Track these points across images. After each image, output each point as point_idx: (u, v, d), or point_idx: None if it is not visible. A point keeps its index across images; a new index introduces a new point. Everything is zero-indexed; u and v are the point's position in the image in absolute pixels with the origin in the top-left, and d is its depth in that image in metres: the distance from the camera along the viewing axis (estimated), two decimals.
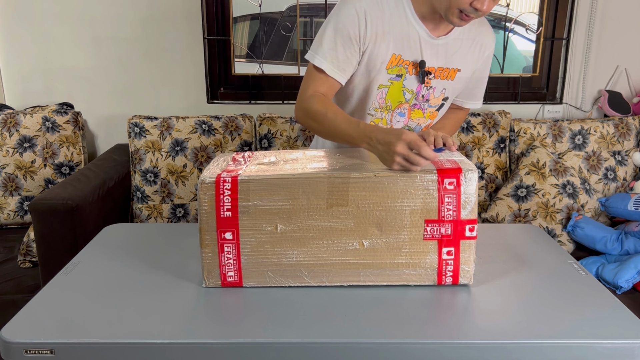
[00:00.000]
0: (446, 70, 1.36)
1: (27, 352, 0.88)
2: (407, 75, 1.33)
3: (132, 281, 1.09)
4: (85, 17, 2.37)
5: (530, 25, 2.45)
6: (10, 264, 1.98)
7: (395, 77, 1.32)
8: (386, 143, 1.05)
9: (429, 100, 1.38)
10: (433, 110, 1.41)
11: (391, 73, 1.32)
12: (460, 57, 1.36)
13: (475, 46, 1.38)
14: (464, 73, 1.39)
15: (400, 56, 1.30)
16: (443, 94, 1.39)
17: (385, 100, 1.35)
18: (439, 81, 1.36)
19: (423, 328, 0.94)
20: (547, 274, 1.12)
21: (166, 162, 2.21)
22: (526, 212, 2.11)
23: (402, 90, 1.34)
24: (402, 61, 1.31)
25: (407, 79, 1.33)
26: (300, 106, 1.28)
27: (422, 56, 1.31)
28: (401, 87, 1.34)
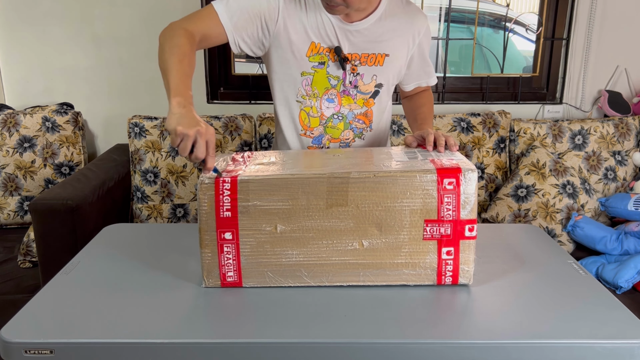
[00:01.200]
0: (372, 56, 1.37)
1: (27, 352, 0.88)
2: (330, 62, 1.36)
3: (132, 281, 1.09)
4: (85, 17, 2.37)
5: (530, 25, 2.45)
6: (10, 264, 1.98)
7: (318, 65, 1.35)
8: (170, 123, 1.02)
9: (358, 86, 1.39)
10: (367, 97, 1.41)
11: (313, 61, 1.35)
12: (386, 42, 1.37)
13: (404, 30, 1.38)
14: (395, 58, 1.39)
15: (319, 44, 1.33)
16: (374, 81, 1.40)
17: (312, 88, 1.37)
18: (366, 67, 1.37)
19: (423, 328, 0.94)
20: (547, 274, 1.12)
21: (166, 162, 2.21)
22: (526, 212, 2.11)
23: (326, 77, 1.37)
24: (322, 49, 1.34)
25: (329, 65, 1.36)
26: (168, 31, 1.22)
27: (338, 43, 1.34)
28: (325, 74, 1.36)
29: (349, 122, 1.42)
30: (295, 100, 1.40)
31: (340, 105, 1.40)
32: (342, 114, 1.41)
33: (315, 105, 1.39)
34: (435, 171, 1.00)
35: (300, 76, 1.36)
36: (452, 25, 2.48)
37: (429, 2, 2.45)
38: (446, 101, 2.49)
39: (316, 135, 1.42)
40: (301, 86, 1.37)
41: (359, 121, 1.42)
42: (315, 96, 1.38)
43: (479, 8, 2.38)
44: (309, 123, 1.41)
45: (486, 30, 2.50)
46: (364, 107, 1.42)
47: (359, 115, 1.42)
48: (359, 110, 1.41)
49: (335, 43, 1.33)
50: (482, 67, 2.58)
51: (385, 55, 1.37)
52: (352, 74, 1.37)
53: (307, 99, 1.39)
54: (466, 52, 2.58)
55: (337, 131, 1.41)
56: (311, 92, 1.38)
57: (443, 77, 2.48)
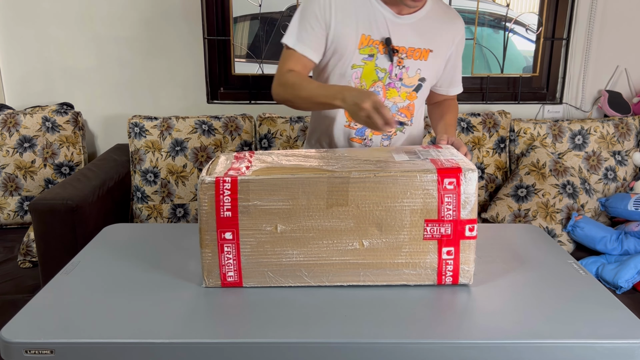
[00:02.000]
0: (418, 51, 1.40)
1: (27, 352, 0.88)
2: (379, 54, 1.38)
3: (132, 281, 1.09)
4: (85, 17, 2.37)
5: (530, 25, 2.45)
6: (10, 264, 1.98)
7: (368, 57, 1.38)
8: (356, 100, 1.18)
9: (403, 79, 1.42)
10: (410, 91, 1.44)
11: (363, 53, 1.38)
12: (431, 38, 1.41)
13: (446, 30, 1.44)
14: (437, 55, 1.44)
15: (369, 36, 1.37)
16: (418, 74, 1.43)
17: (360, 80, 1.40)
18: (412, 61, 1.41)
19: (423, 328, 0.94)
20: (547, 274, 1.12)
21: (166, 162, 2.21)
22: (526, 212, 2.11)
23: (375, 70, 1.40)
24: (371, 41, 1.37)
25: (378, 58, 1.39)
26: (278, 82, 1.38)
27: (389, 34, 1.37)
28: (374, 66, 1.39)
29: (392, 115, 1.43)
30: None
31: (385, 98, 1.42)
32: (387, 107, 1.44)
33: None
34: (436, 171, 1.00)
35: (351, 69, 1.39)
36: None
37: None
38: None
39: (360, 127, 1.44)
40: (351, 79, 1.40)
41: (401, 114, 1.45)
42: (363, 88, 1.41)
43: (479, 8, 2.38)
44: None
45: (486, 30, 2.50)
46: (407, 100, 1.45)
47: (401, 109, 1.45)
48: (402, 103, 1.44)
49: (386, 35, 1.37)
50: (482, 67, 2.58)
51: (430, 50, 1.41)
52: (397, 66, 1.40)
53: None
54: (466, 52, 2.57)
55: None
56: (359, 85, 1.41)
57: None
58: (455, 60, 1.51)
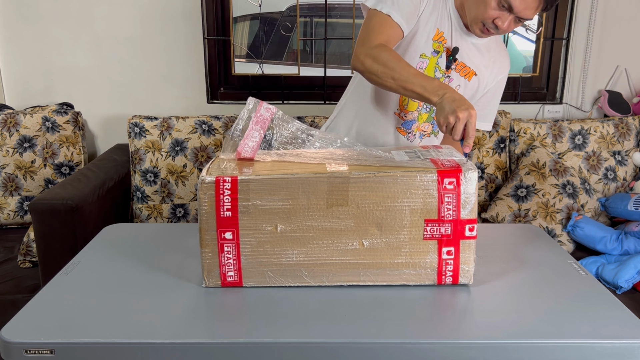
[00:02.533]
0: (467, 69, 1.42)
1: (27, 352, 0.88)
2: (443, 54, 1.39)
3: (132, 281, 1.09)
4: (85, 17, 2.37)
5: (530, 25, 2.45)
6: (10, 264, 1.98)
7: (434, 52, 1.39)
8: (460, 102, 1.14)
9: None
10: None
11: (434, 47, 1.38)
12: (480, 64, 1.43)
13: (495, 64, 1.46)
14: (480, 81, 1.46)
15: (442, 33, 1.37)
16: (457, 89, 1.43)
17: (424, 72, 1.39)
18: (457, 75, 1.42)
19: (423, 328, 0.94)
20: (547, 274, 1.12)
21: (166, 162, 2.21)
22: (526, 212, 2.11)
23: (435, 67, 1.40)
24: (442, 39, 1.38)
25: (441, 57, 1.39)
26: (368, 54, 1.26)
27: (451, 42, 1.39)
28: (435, 63, 1.39)
29: (433, 117, 1.47)
30: None
31: None
32: (430, 107, 1.45)
33: None
34: (436, 171, 1.00)
35: (419, 58, 1.38)
36: None
37: None
38: None
39: (408, 120, 1.45)
40: (416, 67, 1.38)
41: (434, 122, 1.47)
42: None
43: None
44: (407, 104, 1.43)
45: None
46: None
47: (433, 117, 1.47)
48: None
49: (450, 40, 1.38)
50: None
51: (475, 74, 1.43)
52: (444, 74, 1.41)
53: None
54: None
55: (421, 119, 1.46)
56: None
57: None
58: (492, 95, 1.53)
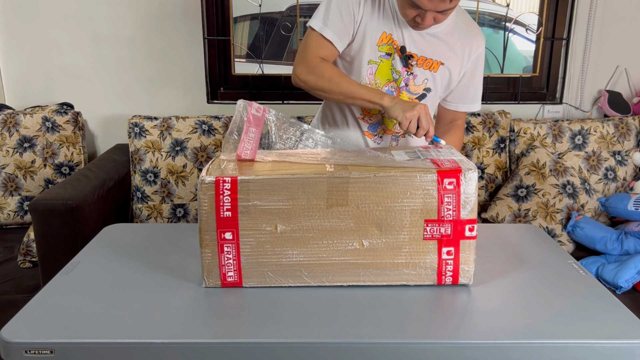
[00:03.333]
0: (429, 61, 1.40)
1: (27, 352, 0.88)
2: (396, 55, 1.39)
3: (132, 281, 1.09)
4: (85, 17, 2.37)
5: (530, 25, 2.45)
6: (10, 264, 1.98)
7: (385, 55, 1.39)
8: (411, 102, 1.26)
9: (409, 85, 1.42)
10: (413, 98, 1.44)
11: (381, 50, 1.38)
12: (445, 52, 1.41)
13: (463, 46, 1.43)
14: (449, 69, 1.43)
15: (390, 35, 1.37)
16: (425, 84, 1.43)
17: (375, 77, 1.40)
18: (421, 70, 1.41)
19: (423, 328, 0.94)
20: (547, 274, 1.12)
21: (166, 162, 2.21)
22: (526, 212, 2.11)
23: (390, 69, 1.40)
24: (391, 40, 1.38)
25: (395, 59, 1.39)
26: (310, 70, 1.34)
27: (404, 41, 1.38)
28: (390, 66, 1.40)
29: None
30: None
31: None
32: None
33: None
34: (436, 171, 1.00)
35: (367, 64, 1.39)
36: None
37: None
38: None
39: (373, 123, 1.46)
40: (366, 74, 1.40)
41: None
42: (377, 86, 1.41)
43: (479, 8, 2.38)
44: (369, 109, 1.44)
45: (486, 30, 2.50)
46: None
47: None
48: None
49: (401, 39, 1.38)
50: None
51: (441, 63, 1.41)
52: (407, 72, 1.41)
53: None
54: None
55: (391, 123, 1.46)
56: (373, 82, 1.41)
57: None
58: (470, 77, 1.49)
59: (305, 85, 1.36)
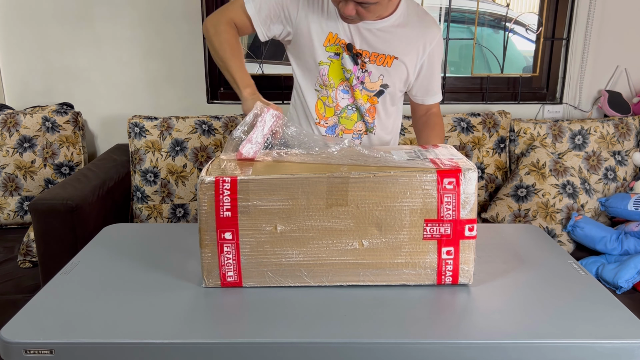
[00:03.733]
0: (382, 57, 1.40)
1: (27, 352, 0.88)
2: (344, 54, 1.39)
3: (132, 281, 1.09)
4: (85, 17, 2.37)
5: (530, 25, 2.45)
6: (10, 264, 1.98)
7: (334, 55, 1.39)
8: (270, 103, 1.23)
9: (364, 83, 1.42)
10: (371, 95, 1.44)
11: (329, 51, 1.39)
12: (397, 46, 1.40)
13: (417, 38, 1.41)
14: (404, 63, 1.41)
15: (336, 35, 1.37)
16: (381, 80, 1.43)
17: (328, 78, 1.41)
18: (375, 66, 1.41)
19: (423, 328, 0.94)
20: (547, 274, 1.12)
21: (166, 162, 2.21)
22: (526, 212, 2.11)
23: (341, 69, 1.41)
24: (338, 40, 1.38)
25: (344, 57, 1.39)
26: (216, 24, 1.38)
27: (352, 39, 1.37)
28: (340, 65, 1.40)
29: (362, 115, 1.46)
30: (313, 89, 1.45)
31: (353, 97, 1.44)
32: (356, 106, 1.45)
33: (331, 95, 1.43)
34: (435, 171, 1.00)
35: (318, 65, 1.40)
36: (452, 25, 2.48)
37: (429, 2, 2.45)
38: (446, 101, 2.49)
39: (330, 125, 1.46)
40: (319, 75, 1.41)
41: (367, 115, 1.47)
42: (332, 86, 1.42)
43: (479, 8, 2.38)
44: (324, 112, 1.45)
45: (486, 30, 2.50)
46: (368, 103, 1.45)
47: (367, 110, 1.46)
48: (365, 106, 1.46)
49: (349, 37, 1.37)
50: (482, 67, 2.58)
51: (395, 57, 1.40)
52: (360, 69, 1.40)
53: (324, 88, 1.43)
54: (466, 52, 2.58)
55: (350, 122, 1.46)
56: (328, 82, 1.42)
57: (443, 77, 2.48)
58: (429, 68, 1.47)
59: (206, 33, 1.39)
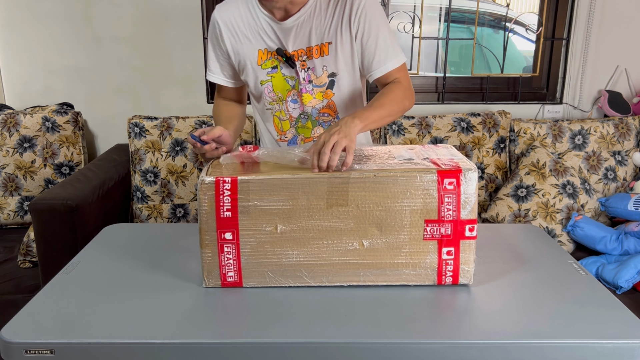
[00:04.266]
0: (317, 48, 1.36)
1: (27, 352, 0.88)
2: (281, 64, 1.38)
3: (132, 281, 1.09)
4: (85, 17, 2.37)
5: (530, 25, 2.45)
6: (10, 264, 1.98)
7: (272, 70, 1.38)
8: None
9: (312, 80, 1.39)
10: (323, 89, 1.39)
11: (266, 67, 1.38)
12: (324, 31, 1.34)
13: (338, 14, 1.33)
14: (339, 44, 1.34)
15: (266, 49, 1.37)
16: (326, 71, 1.38)
17: (275, 93, 1.40)
18: (314, 60, 1.36)
19: (423, 328, 0.94)
20: (547, 274, 1.12)
21: (166, 162, 2.21)
22: (526, 212, 2.11)
23: (284, 79, 1.39)
24: (270, 53, 1.37)
25: (282, 67, 1.38)
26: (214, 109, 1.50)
27: (280, 43, 1.36)
28: (281, 76, 1.39)
29: (316, 119, 1.42)
30: (266, 109, 1.44)
31: (302, 104, 1.40)
32: (307, 113, 1.42)
33: (282, 108, 1.42)
34: (436, 171, 1.00)
35: (261, 85, 1.39)
36: (452, 25, 2.48)
37: (429, 2, 2.45)
38: (446, 101, 2.49)
39: (290, 138, 1.45)
40: (265, 94, 1.41)
41: (324, 115, 1.42)
42: (281, 100, 1.41)
43: (479, 8, 2.38)
44: (282, 127, 1.44)
45: (486, 30, 2.50)
46: (324, 99, 1.40)
47: (322, 109, 1.42)
48: (321, 104, 1.41)
49: (278, 45, 1.36)
50: (482, 67, 2.58)
51: (329, 43, 1.35)
52: (303, 70, 1.37)
53: (274, 104, 1.42)
54: (466, 52, 2.59)
55: (307, 130, 1.43)
56: (276, 97, 1.41)
57: (443, 77, 2.48)
58: (368, 36, 1.33)
59: None
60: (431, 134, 2.27)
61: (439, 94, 2.51)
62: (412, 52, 2.43)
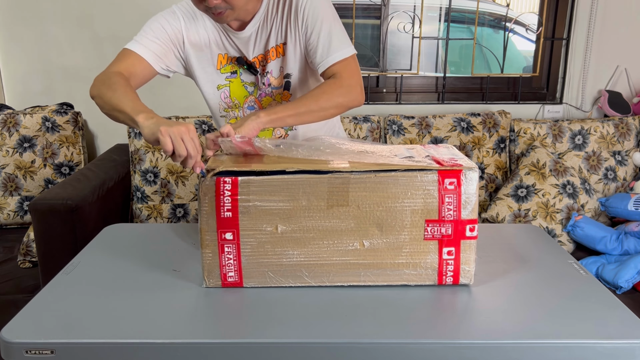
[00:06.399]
0: (273, 50, 1.34)
1: (28, 353, 0.88)
2: (241, 70, 1.36)
3: (133, 281, 1.09)
4: (85, 17, 2.37)
5: (530, 25, 2.45)
6: (10, 264, 1.98)
7: (231, 75, 1.37)
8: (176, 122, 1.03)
9: (271, 83, 1.38)
10: (281, 91, 1.39)
11: (225, 72, 1.36)
12: (279, 32, 1.32)
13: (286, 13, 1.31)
14: (292, 43, 1.32)
15: (226, 54, 1.35)
16: (282, 72, 1.37)
17: (232, 99, 1.38)
18: (272, 63, 1.36)
19: (423, 328, 0.94)
20: (547, 274, 1.12)
21: (166, 162, 2.21)
22: (526, 212, 2.11)
23: (242, 85, 1.38)
24: (230, 59, 1.36)
25: (242, 73, 1.37)
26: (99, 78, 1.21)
27: (240, 52, 1.35)
28: (240, 82, 1.37)
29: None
30: (220, 116, 1.42)
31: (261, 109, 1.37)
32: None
33: (239, 115, 1.40)
34: (437, 171, 1.00)
35: (217, 90, 1.37)
36: (452, 25, 2.48)
37: (429, 2, 2.45)
38: (446, 101, 2.50)
39: None
40: (221, 100, 1.39)
41: None
42: (237, 107, 1.39)
43: (479, 8, 2.38)
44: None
45: (486, 30, 2.50)
46: (283, 101, 1.39)
47: None
48: None
49: (238, 53, 1.35)
50: (482, 67, 2.58)
51: (283, 44, 1.34)
52: (262, 75, 1.37)
53: (230, 111, 1.40)
54: (466, 52, 2.59)
55: (268, 133, 1.41)
56: (232, 104, 1.39)
57: (443, 77, 2.48)
58: (311, 31, 1.28)
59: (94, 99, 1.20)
60: (431, 134, 2.27)
61: (439, 94, 2.51)
62: (412, 52, 2.43)
